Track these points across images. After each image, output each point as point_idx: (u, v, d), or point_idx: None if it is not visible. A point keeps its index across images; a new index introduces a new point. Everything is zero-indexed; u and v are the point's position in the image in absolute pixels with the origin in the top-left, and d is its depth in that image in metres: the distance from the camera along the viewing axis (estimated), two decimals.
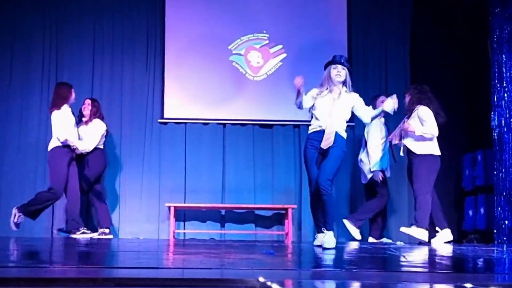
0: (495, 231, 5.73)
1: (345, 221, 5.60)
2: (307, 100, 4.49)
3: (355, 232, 5.54)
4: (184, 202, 6.44)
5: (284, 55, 6.89)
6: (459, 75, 6.64)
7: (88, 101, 5.97)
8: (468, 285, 2.08)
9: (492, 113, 5.92)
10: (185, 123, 6.67)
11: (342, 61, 4.52)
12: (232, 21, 6.86)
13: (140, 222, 6.40)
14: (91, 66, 6.59)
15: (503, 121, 5.82)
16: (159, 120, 6.64)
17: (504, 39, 5.86)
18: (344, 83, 4.51)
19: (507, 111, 5.79)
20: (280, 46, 6.90)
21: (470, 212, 6.32)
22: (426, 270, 2.89)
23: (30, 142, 6.43)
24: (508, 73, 5.79)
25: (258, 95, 6.80)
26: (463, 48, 6.57)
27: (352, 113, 4.63)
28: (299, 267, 2.80)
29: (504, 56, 5.86)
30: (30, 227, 6.00)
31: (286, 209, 6.30)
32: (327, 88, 4.45)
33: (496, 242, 5.64)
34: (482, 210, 6.13)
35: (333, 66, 4.51)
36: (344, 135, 4.48)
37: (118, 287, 2.28)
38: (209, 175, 6.57)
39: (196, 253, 3.55)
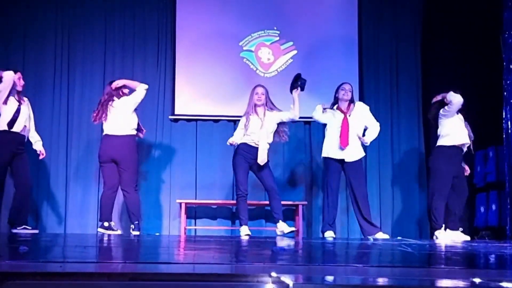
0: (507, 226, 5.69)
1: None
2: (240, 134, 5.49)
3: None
4: (195, 199, 6.47)
5: (295, 51, 6.89)
6: (470, 71, 6.60)
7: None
8: (477, 279, 2.08)
9: (503, 109, 5.88)
10: (196, 120, 6.70)
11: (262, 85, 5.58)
12: (243, 17, 6.88)
13: (151, 218, 6.44)
14: (103, 63, 6.64)
15: None
16: (170, 117, 6.67)
17: None
18: (265, 104, 5.46)
19: None
20: (291, 43, 6.90)
21: (482, 209, 6.30)
22: (438, 266, 2.89)
23: (43, 138, 6.49)
24: None
25: (268, 91, 6.79)
26: (475, 43, 6.53)
27: None
28: (310, 263, 2.82)
29: None
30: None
31: (297, 206, 6.32)
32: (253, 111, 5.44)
33: (508, 238, 5.61)
34: (493, 207, 6.11)
35: (255, 91, 5.50)
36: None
37: (132, 281, 2.31)
38: (220, 171, 6.60)
39: (208, 249, 3.58)
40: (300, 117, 6.74)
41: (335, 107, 5.67)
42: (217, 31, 6.83)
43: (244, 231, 5.28)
